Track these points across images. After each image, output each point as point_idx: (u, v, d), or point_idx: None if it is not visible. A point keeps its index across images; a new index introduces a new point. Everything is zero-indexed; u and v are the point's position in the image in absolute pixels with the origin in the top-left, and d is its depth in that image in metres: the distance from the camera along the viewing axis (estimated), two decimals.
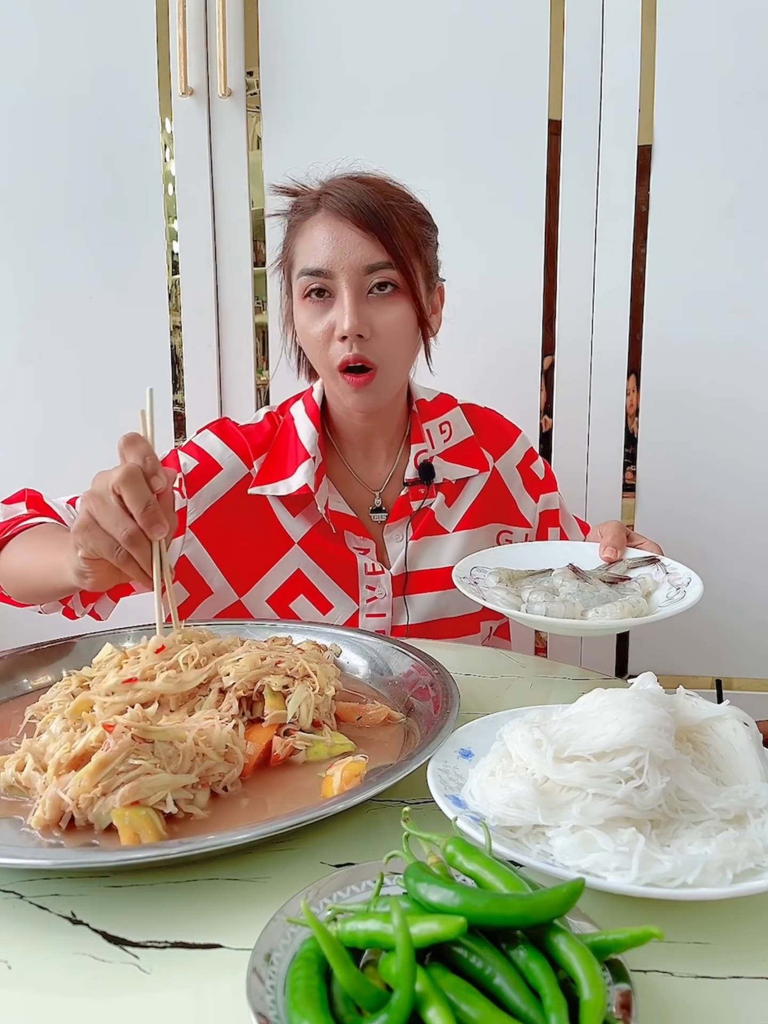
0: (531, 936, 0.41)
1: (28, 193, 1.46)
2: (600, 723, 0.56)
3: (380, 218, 0.94)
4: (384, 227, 0.94)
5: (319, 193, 0.98)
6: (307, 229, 0.98)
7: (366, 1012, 0.38)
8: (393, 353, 0.98)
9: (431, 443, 1.09)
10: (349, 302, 0.94)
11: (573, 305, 1.44)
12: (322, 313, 0.97)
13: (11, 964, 0.48)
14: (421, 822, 0.57)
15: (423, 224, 1.01)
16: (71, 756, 0.60)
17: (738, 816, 0.53)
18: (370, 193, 0.95)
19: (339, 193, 0.95)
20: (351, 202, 0.94)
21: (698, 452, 1.46)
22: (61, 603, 0.99)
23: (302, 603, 1.07)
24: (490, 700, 0.80)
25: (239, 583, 1.07)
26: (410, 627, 1.08)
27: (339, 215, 0.94)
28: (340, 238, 0.94)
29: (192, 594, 1.07)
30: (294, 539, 1.06)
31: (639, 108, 1.37)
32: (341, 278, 0.94)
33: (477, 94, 1.39)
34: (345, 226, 0.94)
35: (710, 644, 1.51)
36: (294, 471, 1.03)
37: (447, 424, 1.11)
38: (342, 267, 0.94)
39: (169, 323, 1.49)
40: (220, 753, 0.63)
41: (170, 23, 1.39)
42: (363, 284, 0.95)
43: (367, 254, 0.94)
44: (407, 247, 0.96)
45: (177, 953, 0.48)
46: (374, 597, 1.07)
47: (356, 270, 0.94)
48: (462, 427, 1.13)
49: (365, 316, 0.95)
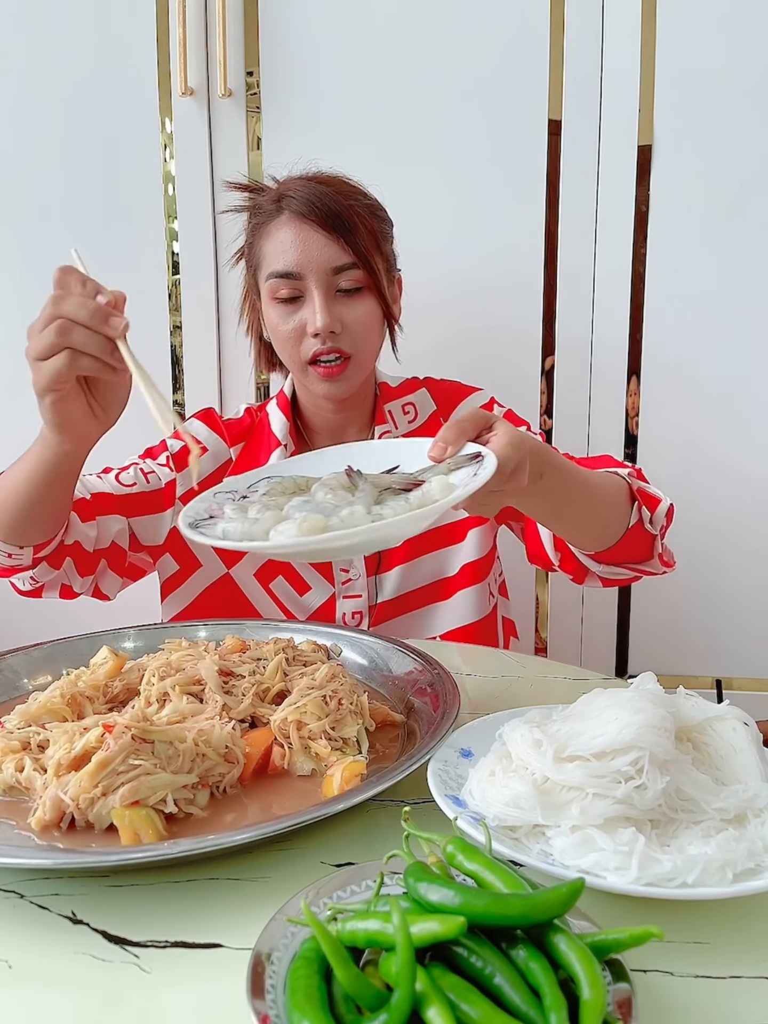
0: (531, 936, 0.41)
1: (28, 193, 1.46)
2: (600, 723, 0.56)
3: (343, 219, 0.97)
4: (347, 228, 0.97)
5: (278, 195, 1.00)
6: (272, 231, 1.00)
7: (366, 1012, 0.38)
8: (363, 345, 1.02)
9: (394, 424, 1.11)
10: (320, 302, 0.97)
11: (573, 305, 1.44)
12: (293, 312, 1.00)
13: (11, 964, 0.48)
14: (421, 822, 0.57)
15: (380, 220, 1.04)
16: (71, 756, 0.60)
17: (738, 816, 0.53)
18: (331, 194, 0.97)
19: (301, 195, 0.98)
20: (314, 204, 0.96)
21: (698, 452, 1.46)
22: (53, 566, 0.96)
23: (280, 584, 1.10)
24: (490, 700, 0.80)
25: (227, 555, 1.10)
26: (386, 603, 1.09)
27: (303, 217, 0.97)
28: (306, 240, 0.97)
29: (182, 567, 1.09)
30: None
31: (639, 108, 1.37)
32: (310, 279, 0.98)
33: (477, 94, 1.39)
34: (310, 228, 0.97)
35: (710, 644, 1.51)
36: (267, 459, 1.07)
37: (411, 405, 1.12)
38: (310, 269, 0.97)
39: (169, 323, 1.49)
40: (220, 753, 0.63)
41: (170, 23, 1.39)
42: (331, 284, 0.98)
43: (333, 255, 0.97)
44: (369, 245, 0.99)
45: (177, 953, 0.48)
46: (349, 579, 1.09)
47: (324, 271, 0.97)
48: (426, 405, 1.13)
49: (335, 314, 0.98)
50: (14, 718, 0.68)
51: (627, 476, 0.91)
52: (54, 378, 0.73)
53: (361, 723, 0.70)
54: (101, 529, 1.01)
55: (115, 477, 1.05)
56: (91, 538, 0.99)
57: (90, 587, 1.04)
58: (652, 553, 0.95)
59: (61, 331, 0.70)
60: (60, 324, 0.70)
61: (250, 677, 0.74)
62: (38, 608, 1.22)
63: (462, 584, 1.12)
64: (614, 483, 0.89)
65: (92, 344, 0.71)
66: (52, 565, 0.96)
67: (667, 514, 0.92)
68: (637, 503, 0.89)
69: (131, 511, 1.04)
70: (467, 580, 1.12)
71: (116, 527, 1.02)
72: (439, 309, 1.43)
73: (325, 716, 0.68)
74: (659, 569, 0.97)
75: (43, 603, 1.11)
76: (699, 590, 1.50)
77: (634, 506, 0.89)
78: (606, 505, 0.87)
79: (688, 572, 1.50)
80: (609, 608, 1.53)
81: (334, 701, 0.70)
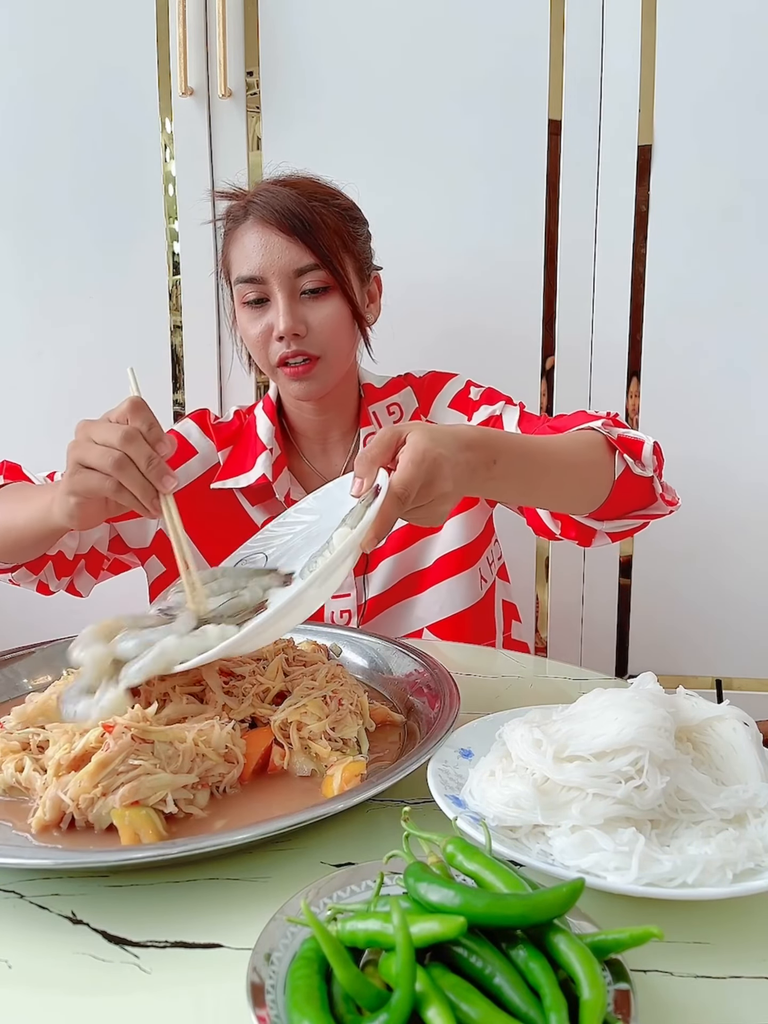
0: (531, 936, 0.41)
1: (28, 193, 1.46)
2: (600, 723, 0.56)
3: (304, 221, 0.97)
4: (308, 230, 0.98)
5: (246, 201, 1.01)
6: (239, 237, 1.02)
7: (366, 1012, 0.38)
8: (331, 344, 1.02)
9: (379, 424, 1.11)
10: (283, 305, 0.98)
11: (573, 305, 1.44)
12: (260, 316, 1.01)
13: (11, 964, 0.48)
14: (421, 822, 0.57)
15: (350, 220, 1.03)
16: (71, 757, 0.60)
17: (738, 816, 0.53)
18: (294, 197, 0.98)
19: (263, 200, 0.99)
20: (275, 208, 0.98)
21: (698, 452, 1.46)
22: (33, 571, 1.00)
23: None
24: (490, 700, 0.80)
25: (212, 558, 1.08)
26: (374, 599, 1.09)
27: (265, 222, 0.98)
28: (268, 244, 0.98)
29: (168, 569, 1.09)
30: (258, 525, 1.08)
31: (639, 108, 1.37)
32: (273, 282, 0.99)
33: (477, 94, 1.39)
34: (271, 232, 0.98)
35: (710, 644, 1.52)
36: (253, 464, 1.08)
37: (396, 405, 1.13)
38: (272, 272, 0.98)
39: (169, 323, 1.49)
40: (220, 754, 0.63)
41: (170, 23, 1.39)
42: (295, 286, 0.99)
43: (295, 257, 0.98)
44: (333, 245, 1.00)
45: (177, 953, 0.48)
46: None
47: (286, 274, 0.99)
48: (409, 403, 1.13)
49: (299, 316, 0.99)
50: (12, 719, 0.68)
51: (601, 427, 0.89)
52: (88, 492, 0.74)
53: (361, 723, 0.70)
54: (82, 537, 1.02)
55: None
56: (71, 548, 1.02)
57: (65, 586, 1.06)
58: (654, 495, 0.94)
59: (117, 466, 0.71)
60: (119, 459, 0.71)
61: (250, 678, 0.74)
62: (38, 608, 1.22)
63: (447, 573, 1.11)
64: (587, 439, 0.88)
65: (139, 489, 0.72)
66: (32, 571, 1.00)
67: (655, 452, 0.92)
68: (618, 452, 0.88)
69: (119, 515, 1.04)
70: (452, 568, 1.10)
71: (96, 535, 1.03)
72: (439, 309, 1.43)
73: (325, 716, 0.68)
74: (664, 510, 0.96)
75: (43, 603, 1.11)
76: (699, 590, 1.50)
77: (615, 456, 0.88)
78: (582, 466, 0.86)
79: (688, 572, 1.50)
80: (609, 608, 1.53)
81: (334, 701, 0.70)
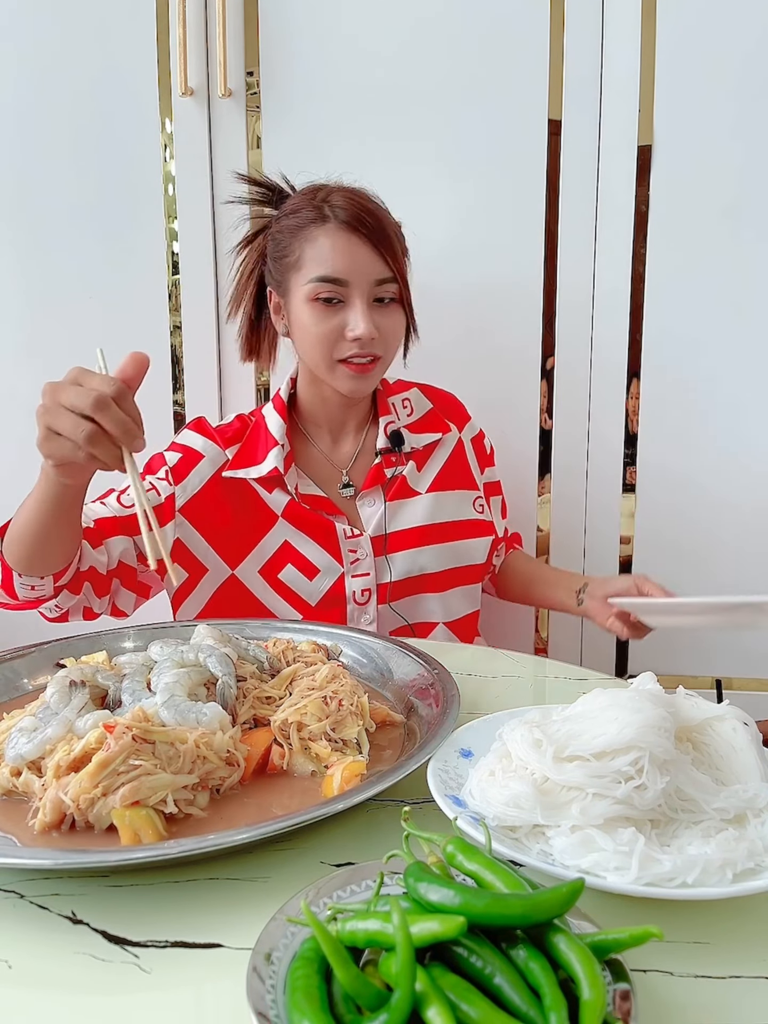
0: (531, 936, 0.41)
1: (28, 193, 1.46)
2: (600, 723, 0.56)
3: (386, 235, 1.05)
4: (389, 244, 1.05)
5: (320, 202, 1.06)
6: (318, 236, 1.05)
7: (366, 1012, 0.38)
8: (391, 349, 1.11)
9: (397, 415, 1.20)
10: (363, 310, 1.04)
11: (573, 305, 1.44)
12: (332, 315, 1.06)
13: (11, 964, 0.48)
14: (421, 822, 0.57)
15: (404, 238, 1.12)
16: (71, 758, 0.60)
17: (738, 816, 0.54)
18: (374, 211, 1.06)
19: (347, 206, 1.04)
20: (363, 218, 1.04)
21: (698, 452, 1.46)
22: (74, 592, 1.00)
23: (290, 572, 1.13)
24: (490, 700, 0.80)
25: (231, 558, 1.13)
26: (393, 584, 1.15)
27: (352, 228, 1.04)
28: (355, 252, 1.04)
29: (191, 574, 1.12)
30: (277, 512, 1.12)
31: (639, 108, 1.37)
32: (355, 287, 1.04)
33: (477, 94, 1.39)
34: (359, 240, 1.04)
35: (710, 644, 1.51)
36: (265, 457, 1.12)
37: (407, 400, 1.23)
38: (357, 278, 1.04)
39: (169, 323, 1.49)
40: (221, 757, 0.63)
41: (170, 23, 1.39)
42: (372, 293, 1.06)
43: (378, 268, 1.05)
44: (402, 261, 1.09)
45: (177, 953, 0.48)
46: (357, 559, 1.13)
47: (368, 281, 1.05)
48: (422, 402, 1.24)
49: (375, 322, 1.05)
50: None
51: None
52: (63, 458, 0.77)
53: (362, 724, 0.70)
54: (109, 551, 1.04)
55: (116, 499, 1.08)
56: (103, 562, 1.03)
57: (108, 606, 1.08)
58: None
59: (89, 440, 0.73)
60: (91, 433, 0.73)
61: (251, 679, 0.74)
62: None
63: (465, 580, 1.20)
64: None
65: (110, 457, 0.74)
66: (72, 591, 1.01)
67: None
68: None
69: (134, 530, 1.06)
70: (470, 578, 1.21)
71: (121, 547, 1.05)
72: (438, 309, 1.43)
73: (326, 717, 0.68)
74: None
75: None
76: (699, 589, 1.50)
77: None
78: None
79: (688, 571, 1.50)
80: None
81: (335, 702, 0.70)
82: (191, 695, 0.68)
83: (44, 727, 0.65)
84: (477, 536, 1.20)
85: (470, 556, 1.20)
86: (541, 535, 1.51)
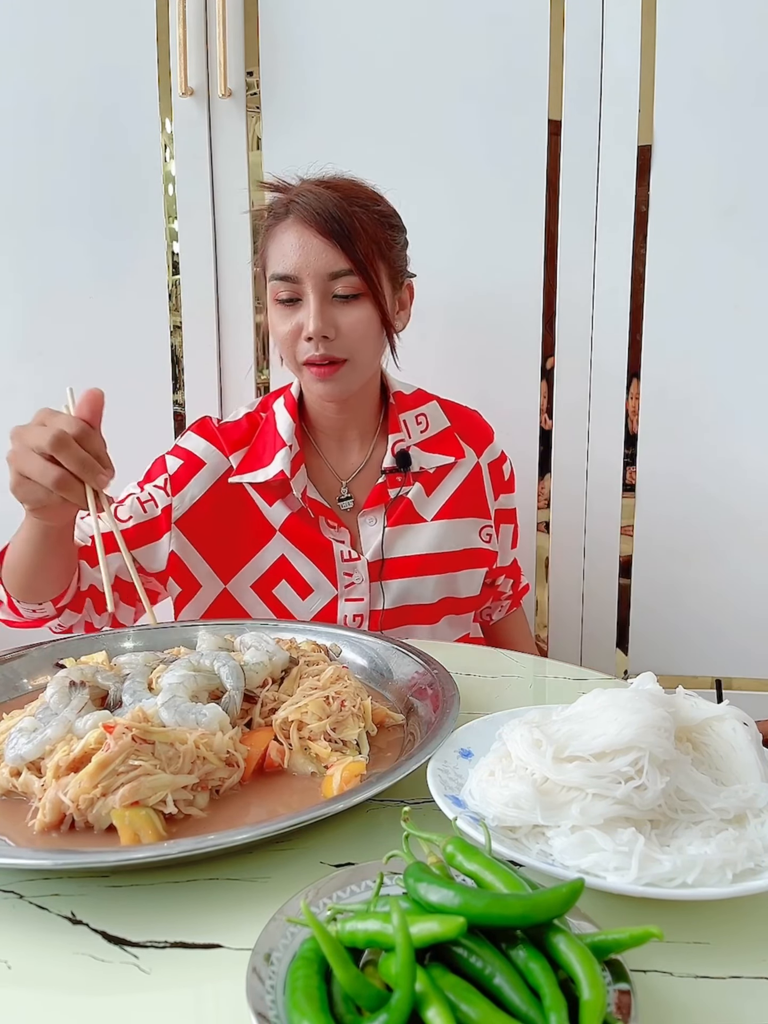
0: (531, 936, 0.41)
1: (28, 193, 1.46)
2: (600, 723, 0.56)
3: (343, 226, 0.98)
4: (347, 235, 0.98)
5: (289, 198, 1.02)
6: (278, 234, 1.02)
7: (366, 1012, 0.38)
8: (358, 349, 1.03)
9: (408, 433, 1.13)
10: (314, 306, 0.99)
11: (573, 305, 1.44)
12: (291, 314, 1.02)
13: (11, 964, 0.48)
14: (421, 822, 0.57)
15: (389, 227, 1.04)
16: (70, 759, 0.60)
17: (738, 816, 0.53)
18: (336, 200, 0.99)
19: (305, 200, 0.99)
20: (316, 210, 0.98)
21: (698, 452, 1.46)
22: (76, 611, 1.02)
23: (283, 589, 1.11)
24: (490, 700, 0.80)
25: (224, 571, 1.10)
26: (385, 612, 1.11)
27: (305, 222, 0.99)
28: (306, 245, 0.99)
29: (184, 589, 1.10)
30: (275, 526, 1.10)
31: (639, 108, 1.37)
32: (307, 283, 1.00)
33: (477, 94, 1.39)
34: (311, 233, 0.99)
35: (710, 644, 1.51)
36: (272, 459, 1.08)
37: (423, 416, 1.15)
38: (307, 273, 0.99)
39: (169, 323, 1.49)
40: (221, 758, 0.63)
41: (170, 23, 1.39)
42: (328, 289, 1.00)
43: (330, 261, 0.99)
44: (369, 252, 1.00)
45: (177, 953, 0.48)
46: (352, 583, 1.10)
47: (320, 276, 0.99)
48: (439, 419, 1.16)
49: (329, 318, 1.00)
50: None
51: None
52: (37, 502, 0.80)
53: (363, 726, 0.70)
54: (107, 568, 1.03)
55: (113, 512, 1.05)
56: (100, 580, 1.03)
57: (108, 621, 1.08)
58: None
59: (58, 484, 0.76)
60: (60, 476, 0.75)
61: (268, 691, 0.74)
62: None
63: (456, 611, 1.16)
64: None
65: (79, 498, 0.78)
66: (74, 610, 1.02)
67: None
68: None
69: (130, 544, 1.04)
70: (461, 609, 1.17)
71: (117, 563, 1.03)
72: (439, 309, 1.43)
73: (326, 717, 0.68)
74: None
75: None
76: (699, 590, 1.50)
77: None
78: None
79: (688, 571, 1.50)
80: (609, 608, 1.53)
81: (336, 703, 0.70)
82: (193, 697, 0.68)
83: (44, 727, 0.65)
84: (475, 567, 1.16)
85: (465, 587, 1.15)
86: (541, 535, 1.52)
